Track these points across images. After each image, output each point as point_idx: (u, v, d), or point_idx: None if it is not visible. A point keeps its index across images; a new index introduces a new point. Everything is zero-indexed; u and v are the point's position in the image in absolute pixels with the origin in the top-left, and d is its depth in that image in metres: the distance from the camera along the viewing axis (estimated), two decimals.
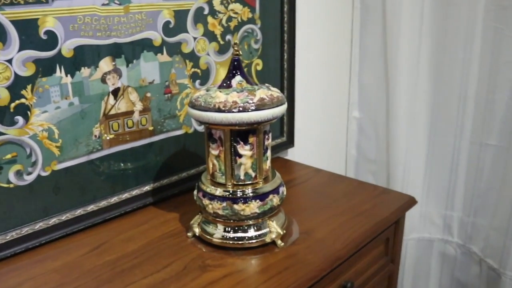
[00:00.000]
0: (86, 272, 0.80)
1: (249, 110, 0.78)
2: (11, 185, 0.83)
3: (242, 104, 0.78)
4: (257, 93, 0.80)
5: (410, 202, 1.06)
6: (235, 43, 0.83)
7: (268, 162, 0.89)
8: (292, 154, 1.46)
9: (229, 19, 1.11)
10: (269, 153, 0.89)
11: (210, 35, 1.08)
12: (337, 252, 0.86)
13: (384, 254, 1.06)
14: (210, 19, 1.06)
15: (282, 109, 0.83)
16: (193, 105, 0.82)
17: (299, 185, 1.18)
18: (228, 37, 1.12)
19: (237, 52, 0.83)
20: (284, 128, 1.37)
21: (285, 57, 1.29)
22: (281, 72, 1.30)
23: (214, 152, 0.85)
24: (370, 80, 1.56)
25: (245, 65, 1.17)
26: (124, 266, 0.82)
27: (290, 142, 1.40)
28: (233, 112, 0.78)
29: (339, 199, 1.07)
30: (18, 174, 0.83)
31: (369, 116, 1.60)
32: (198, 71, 1.08)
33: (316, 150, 1.58)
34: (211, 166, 0.86)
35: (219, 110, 0.78)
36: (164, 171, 1.07)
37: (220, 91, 0.81)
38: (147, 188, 1.03)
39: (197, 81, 1.08)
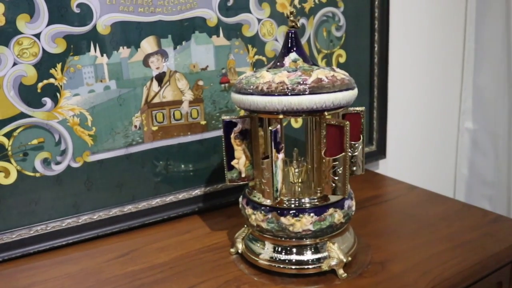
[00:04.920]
0: (102, 281, 0.69)
1: (301, 93, 0.60)
2: (38, 174, 0.75)
3: (291, 85, 0.60)
4: (313, 73, 0.62)
5: None
6: (291, 12, 0.66)
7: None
8: (384, 167, 1.24)
9: None
10: None
11: (278, 17, 0.92)
12: None
13: None
14: None
15: (347, 95, 0.63)
16: (235, 89, 0.67)
17: (386, 203, 0.98)
18: (302, 21, 0.95)
19: (293, 24, 0.66)
20: (374, 135, 1.16)
21: (376, 48, 1.10)
22: (371, 67, 1.11)
23: (280, 157, 0.64)
24: (488, 82, 1.34)
25: (323, 56, 0.99)
26: (145, 280, 0.68)
27: (381, 153, 1.20)
28: (277, 95, 0.60)
29: (434, 224, 0.85)
30: (45, 162, 0.75)
31: (486, 128, 1.37)
32: (264, 59, 0.92)
33: (414, 165, 1.35)
34: (278, 183, 0.64)
35: (262, 92, 0.61)
36: (219, 174, 0.92)
37: (268, 71, 0.64)
38: (196, 192, 0.90)
39: None
